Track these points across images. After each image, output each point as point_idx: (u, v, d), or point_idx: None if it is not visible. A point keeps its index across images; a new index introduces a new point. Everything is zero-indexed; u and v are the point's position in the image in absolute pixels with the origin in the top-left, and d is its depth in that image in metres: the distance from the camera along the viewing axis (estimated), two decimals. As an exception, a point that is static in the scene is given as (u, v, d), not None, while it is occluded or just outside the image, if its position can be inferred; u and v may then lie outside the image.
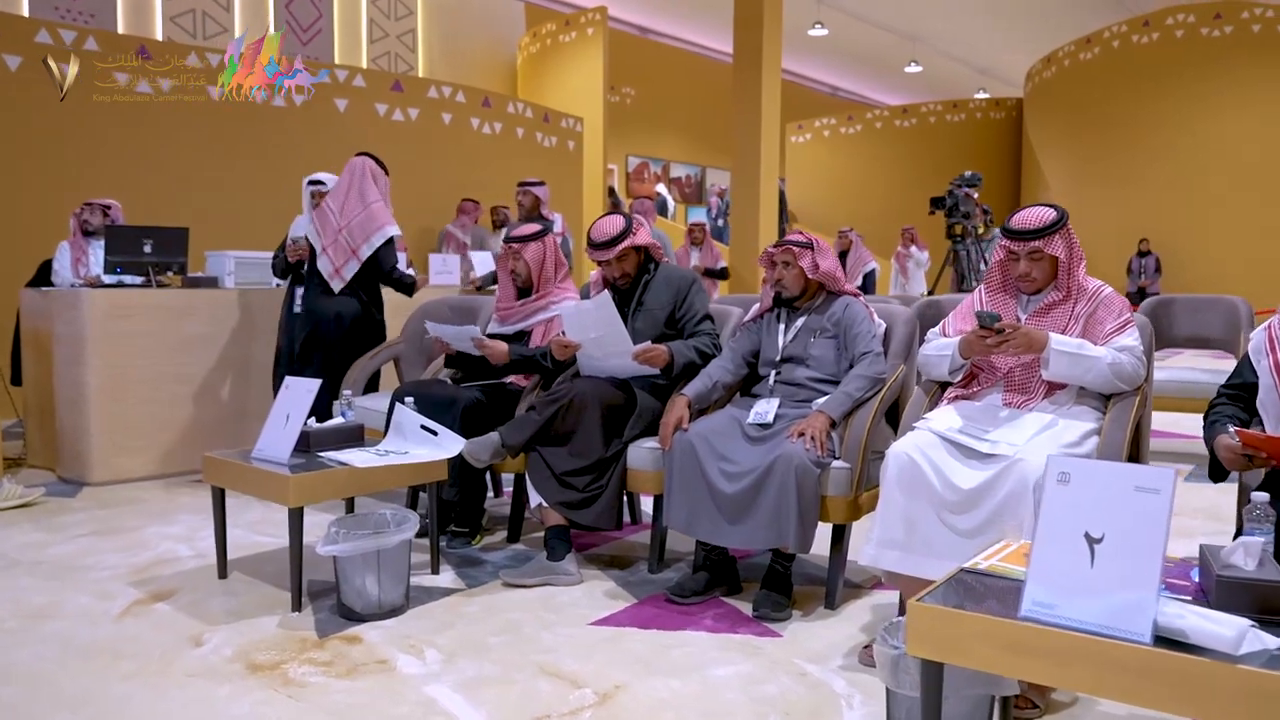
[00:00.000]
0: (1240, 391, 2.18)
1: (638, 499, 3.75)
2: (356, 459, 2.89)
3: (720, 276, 8.62)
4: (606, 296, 3.07)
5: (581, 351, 3.17)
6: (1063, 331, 2.46)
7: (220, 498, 2.99)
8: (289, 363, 4.42)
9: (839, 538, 2.81)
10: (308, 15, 11.70)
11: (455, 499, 3.34)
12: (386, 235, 4.19)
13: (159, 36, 10.11)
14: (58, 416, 4.47)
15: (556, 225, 6.47)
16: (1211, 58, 13.58)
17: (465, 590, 2.93)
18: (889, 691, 1.88)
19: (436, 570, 3.08)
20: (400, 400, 3.21)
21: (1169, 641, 1.37)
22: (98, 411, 4.31)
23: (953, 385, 2.62)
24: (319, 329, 4.21)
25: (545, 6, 15.14)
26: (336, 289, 4.20)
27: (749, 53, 9.25)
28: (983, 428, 2.37)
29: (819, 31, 16.10)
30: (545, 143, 10.29)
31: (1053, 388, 2.46)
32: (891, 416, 2.97)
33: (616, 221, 3.24)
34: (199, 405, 4.64)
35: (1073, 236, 2.51)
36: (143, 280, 4.58)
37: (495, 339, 3.46)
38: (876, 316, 3.00)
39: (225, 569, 3.04)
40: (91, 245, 5.14)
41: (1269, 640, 1.35)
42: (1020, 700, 2.04)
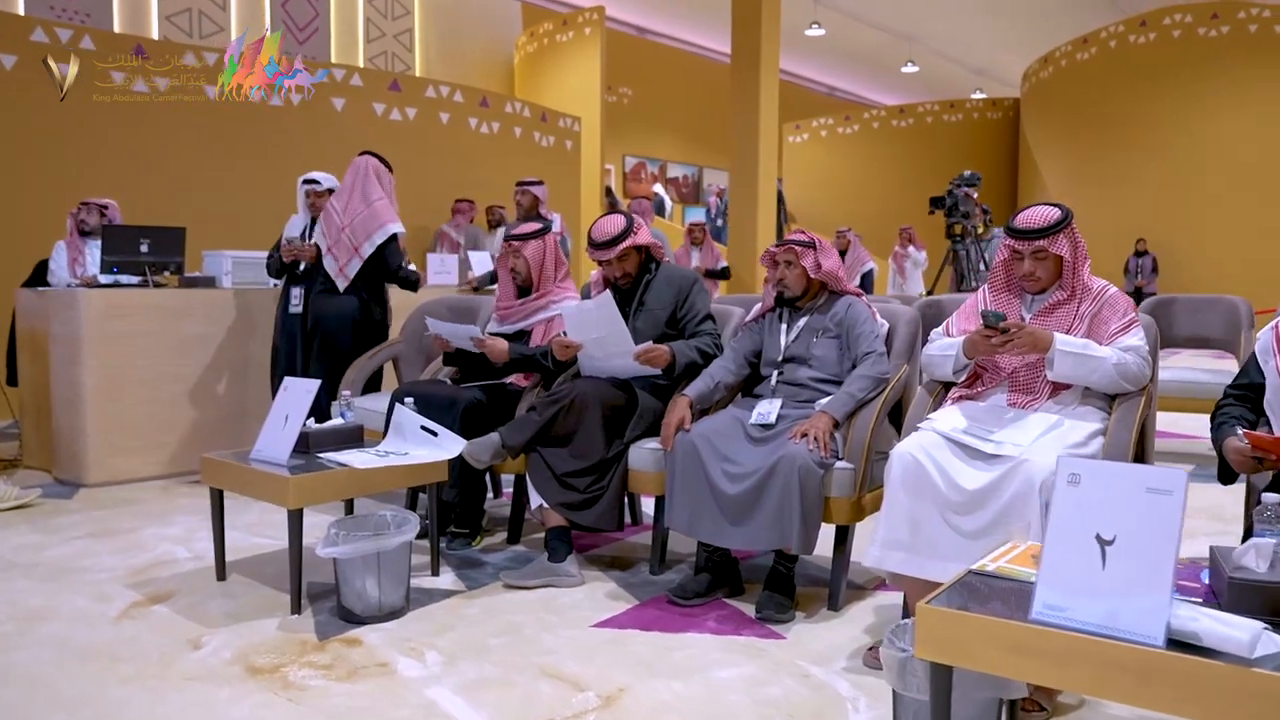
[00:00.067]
0: (1247, 392, 2.17)
1: (638, 500, 3.73)
2: (356, 460, 2.87)
3: (721, 277, 8.59)
4: (608, 296, 3.05)
5: (583, 352, 3.15)
6: (1067, 331, 2.44)
7: (218, 499, 2.97)
8: (287, 362, 4.41)
9: (842, 539, 2.79)
10: (304, 15, 11.67)
11: (455, 500, 3.32)
12: (389, 232, 4.17)
13: (155, 36, 10.08)
14: (54, 417, 4.45)
15: (555, 225, 6.44)
16: (1208, 58, 13.60)
17: (466, 592, 2.92)
18: (896, 694, 1.87)
19: (437, 572, 3.06)
20: (400, 401, 3.19)
21: (1182, 644, 1.36)
22: (94, 412, 4.28)
23: (956, 385, 2.60)
24: (321, 328, 4.20)
25: (542, 6, 15.12)
26: (341, 288, 4.19)
27: (747, 53, 9.24)
28: (987, 428, 2.35)
29: (816, 31, 16.10)
30: (543, 142, 10.27)
31: (1058, 388, 2.44)
32: (894, 417, 2.96)
33: (617, 221, 3.22)
34: (196, 406, 4.62)
35: (1077, 236, 2.49)
36: (139, 280, 4.56)
37: (495, 338, 3.44)
38: (879, 316, 2.98)
39: (224, 571, 3.02)
40: (88, 245, 5.11)
41: (1283, 643, 1.34)
42: (1027, 703, 2.02)
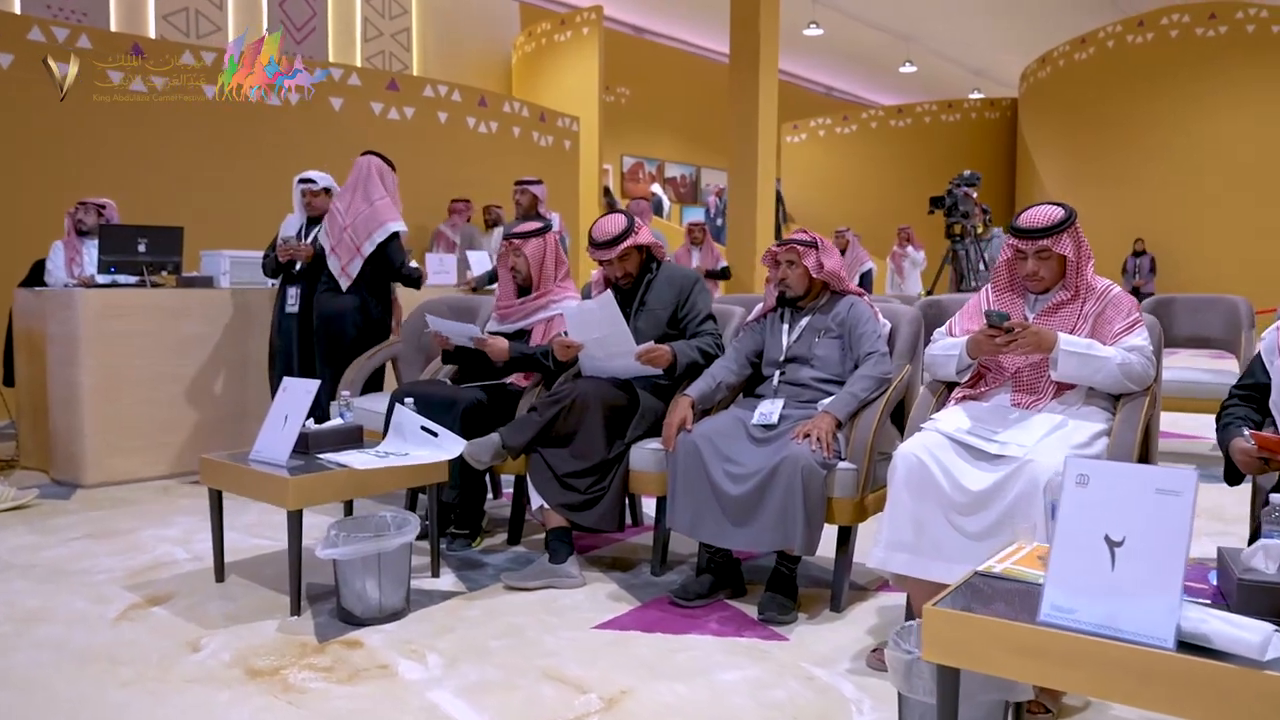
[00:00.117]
0: (1252, 392, 2.16)
1: (638, 500, 3.72)
2: (356, 461, 2.85)
3: (721, 277, 8.57)
4: (609, 296, 3.04)
5: (584, 352, 3.13)
6: (1071, 331, 2.43)
7: (217, 500, 2.95)
8: (284, 362, 4.40)
9: (844, 539, 2.78)
10: (302, 14, 11.65)
11: (455, 501, 3.31)
12: (389, 231, 4.16)
13: (152, 35, 10.05)
14: (51, 417, 4.43)
15: (554, 224, 6.43)
16: (1206, 58, 13.61)
17: (466, 593, 2.90)
18: (901, 697, 1.85)
19: (437, 573, 3.04)
20: (400, 401, 3.18)
21: (1192, 647, 1.35)
22: (91, 412, 4.26)
23: (960, 385, 2.59)
24: (326, 328, 4.21)
25: (540, 6, 15.10)
26: (344, 287, 4.18)
27: (746, 53, 9.23)
28: (991, 429, 2.34)
29: (814, 31, 16.10)
30: (541, 142, 10.26)
31: (1061, 388, 2.43)
32: (896, 417, 2.94)
33: (618, 221, 3.21)
34: (194, 406, 4.60)
35: (1081, 235, 2.48)
36: (137, 280, 4.54)
37: (496, 337, 3.43)
38: (881, 316, 2.97)
39: (223, 572, 3.00)
40: (85, 245, 5.09)
41: (1294, 645, 1.33)
42: (1033, 705, 2.01)
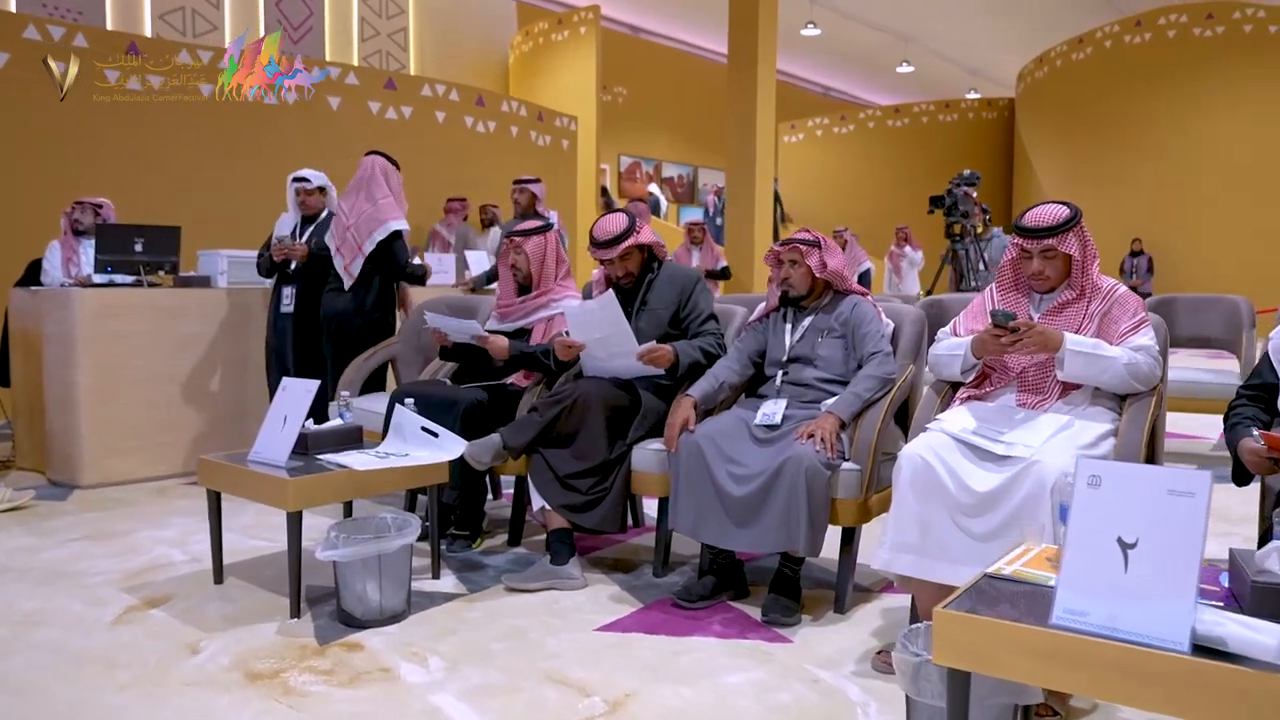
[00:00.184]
0: (1260, 393, 2.15)
1: (639, 501, 3.70)
2: (356, 461, 2.83)
3: (721, 277, 8.54)
4: (611, 296, 3.01)
5: (585, 352, 3.11)
6: (1077, 331, 2.41)
7: (216, 501, 2.93)
8: (279, 362, 4.38)
9: (848, 541, 2.76)
10: (298, 13, 11.61)
11: (455, 502, 3.29)
12: (390, 229, 4.16)
13: (148, 34, 10.01)
14: (47, 418, 4.40)
15: (553, 223, 6.40)
16: (1204, 58, 13.63)
17: (467, 595, 2.88)
18: (909, 700, 1.84)
19: (437, 575, 3.02)
20: (400, 401, 3.15)
21: (1207, 650, 1.33)
22: (88, 413, 4.23)
23: (964, 385, 2.57)
24: (331, 327, 4.22)
25: (537, 5, 15.08)
26: (347, 285, 4.19)
27: (744, 53, 9.22)
28: (997, 429, 2.32)
29: (811, 31, 16.09)
30: (539, 141, 10.23)
31: (1067, 388, 2.41)
32: (900, 418, 2.93)
33: (620, 220, 3.19)
34: (192, 406, 4.57)
35: (1086, 234, 2.47)
36: (134, 280, 4.51)
37: (497, 335, 3.41)
38: (884, 316, 2.96)
39: (221, 574, 2.98)
40: (82, 244, 5.06)
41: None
42: (1040, 708, 1.99)
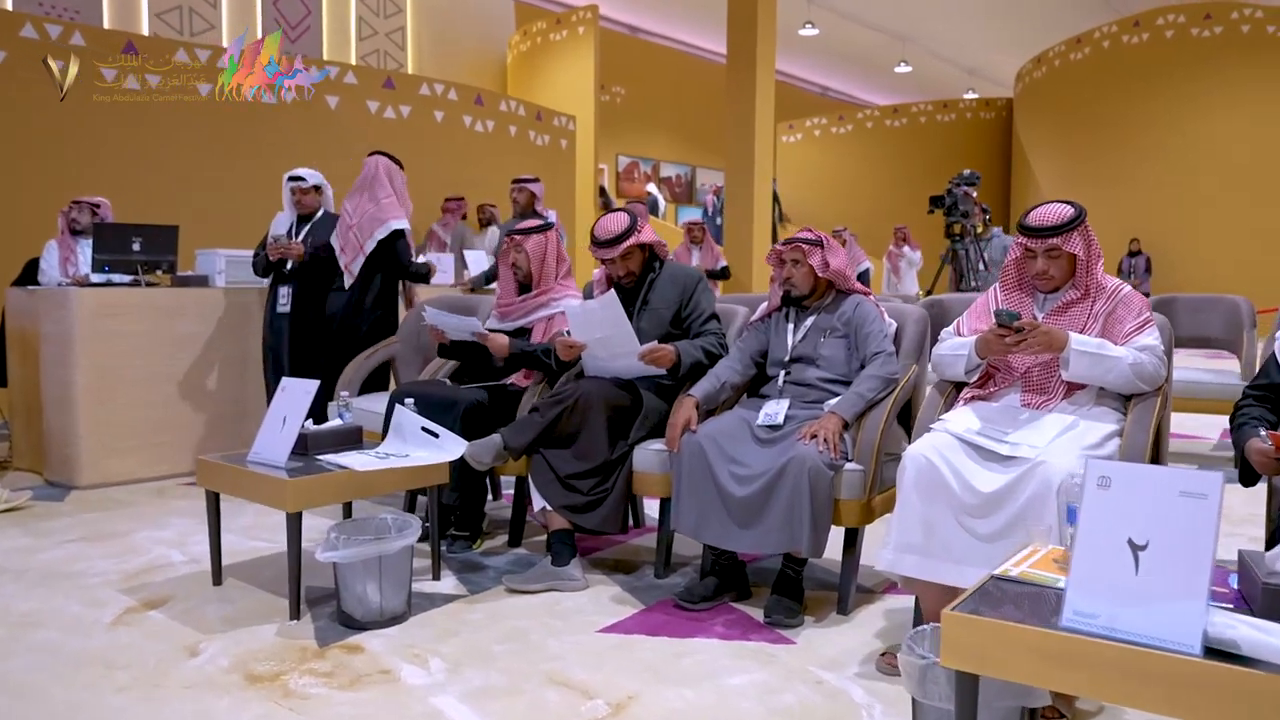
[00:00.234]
0: (1267, 392, 2.13)
1: (640, 502, 3.68)
2: (356, 462, 2.81)
3: (721, 277, 8.53)
4: (613, 296, 2.99)
5: (586, 352, 3.10)
6: (1081, 331, 2.40)
7: (214, 502, 2.91)
8: (275, 361, 4.37)
9: (851, 541, 2.75)
10: (296, 13, 11.58)
11: (455, 503, 3.27)
12: (390, 228, 4.17)
13: (145, 33, 9.98)
14: (44, 418, 4.37)
15: (553, 222, 6.39)
16: (1201, 58, 13.64)
17: (468, 596, 2.86)
18: (915, 702, 1.82)
19: (438, 576, 3.00)
20: (400, 401, 3.14)
21: (1218, 653, 1.32)
22: (86, 413, 4.21)
23: (968, 385, 2.56)
24: (334, 325, 4.22)
25: (536, 5, 15.06)
26: (347, 284, 4.21)
27: (743, 53, 9.22)
28: (1002, 429, 2.31)
29: (810, 31, 16.09)
30: (538, 141, 10.21)
31: (1072, 388, 2.40)
32: (903, 418, 2.92)
33: (621, 219, 3.18)
34: (190, 406, 4.55)
35: (1090, 234, 2.46)
36: (131, 279, 4.50)
37: (497, 333, 3.39)
38: (887, 315, 2.94)
39: (220, 575, 2.96)
40: (80, 244, 5.04)
41: (1324, 652, 1.30)
42: (1047, 710, 1.98)
